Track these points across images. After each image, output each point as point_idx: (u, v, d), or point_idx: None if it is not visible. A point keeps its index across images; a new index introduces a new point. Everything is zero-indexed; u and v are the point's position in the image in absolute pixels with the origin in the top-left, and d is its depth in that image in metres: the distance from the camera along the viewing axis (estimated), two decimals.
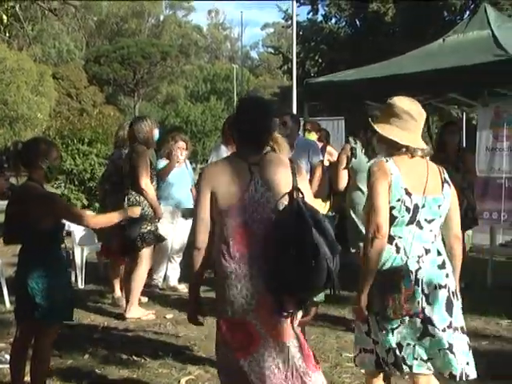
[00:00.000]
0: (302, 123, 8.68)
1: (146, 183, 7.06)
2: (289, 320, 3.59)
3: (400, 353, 3.71)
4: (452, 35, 9.91)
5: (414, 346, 3.71)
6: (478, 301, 7.35)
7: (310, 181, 7.84)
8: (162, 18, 74.08)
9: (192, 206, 7.72)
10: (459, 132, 9.62)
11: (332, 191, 7.34)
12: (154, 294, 8.30)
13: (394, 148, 3.83)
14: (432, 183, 3.79)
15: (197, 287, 3.85)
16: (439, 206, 3.78)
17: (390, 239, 3.71)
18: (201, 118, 54.33)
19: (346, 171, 6.71)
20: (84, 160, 14.62)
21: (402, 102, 3.86)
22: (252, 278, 3.52)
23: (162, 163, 8.54)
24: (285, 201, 3.55)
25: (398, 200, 3.68)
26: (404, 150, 3.80)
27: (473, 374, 3.75)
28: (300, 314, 3.71)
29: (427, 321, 3.68)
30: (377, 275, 3.69)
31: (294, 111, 18.85)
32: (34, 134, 32.05)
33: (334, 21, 30.50)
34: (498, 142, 10.67)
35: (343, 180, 6.74)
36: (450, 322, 3.72)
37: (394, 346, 3.71)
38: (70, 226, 8.92)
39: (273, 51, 44.20)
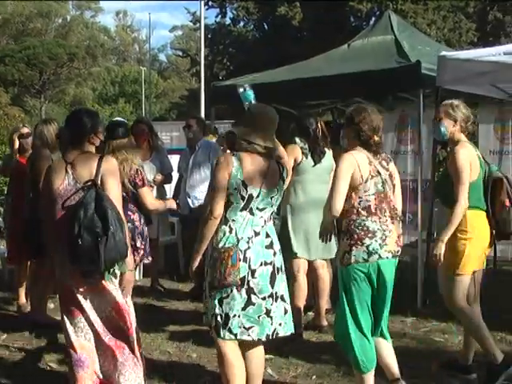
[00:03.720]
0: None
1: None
2: (104, 285, 4.41)
3: (227, 322, 4.30)
4: (357, 40, 10.03)
5: (239, 316, 4.31)
6: None
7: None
8: (68, 18, 72.57)
9: None
10: None
11: None
12: None
13: (242, 145, 4.39)
14: (270, 178, 4.39)
15: None
16: (272, 198, 4.42)
17: (226, 221, 4.35)
18: (109, 120, 53.56)
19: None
20: None
21: (258, 108, 4.61)
22: (63, 251, 4.32)
23: None
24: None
25: (235, 189, 4.28)
26: (252, 147, 4.36)
27: (281, 333, 4.46)
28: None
29: (251, 291, 4.31)
30: (213, 251, 4.33)
31: (203, 114, 18.86)
32: None
33: (242, 24, 30.70)
34: (402, 145, 10.91)
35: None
36: (271, 293, 4.37)
37: (218, 311, 4.31)
38: None
39: (181, 54, 44.12)
